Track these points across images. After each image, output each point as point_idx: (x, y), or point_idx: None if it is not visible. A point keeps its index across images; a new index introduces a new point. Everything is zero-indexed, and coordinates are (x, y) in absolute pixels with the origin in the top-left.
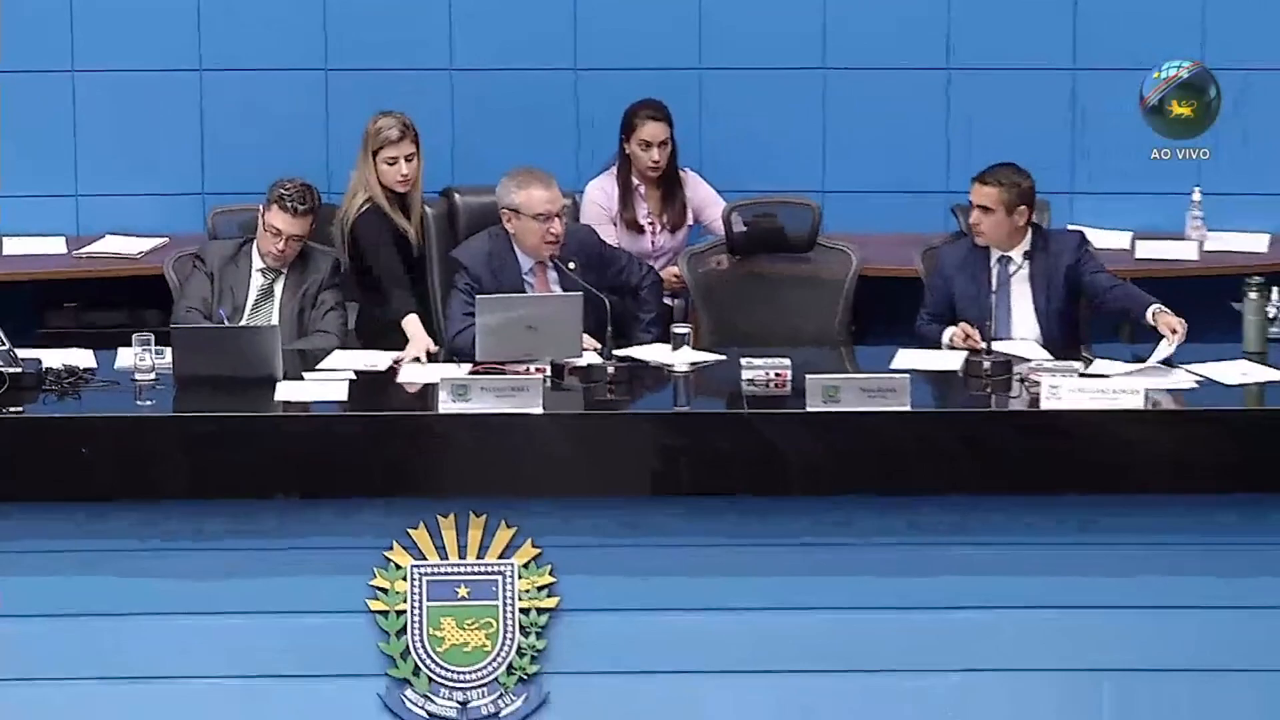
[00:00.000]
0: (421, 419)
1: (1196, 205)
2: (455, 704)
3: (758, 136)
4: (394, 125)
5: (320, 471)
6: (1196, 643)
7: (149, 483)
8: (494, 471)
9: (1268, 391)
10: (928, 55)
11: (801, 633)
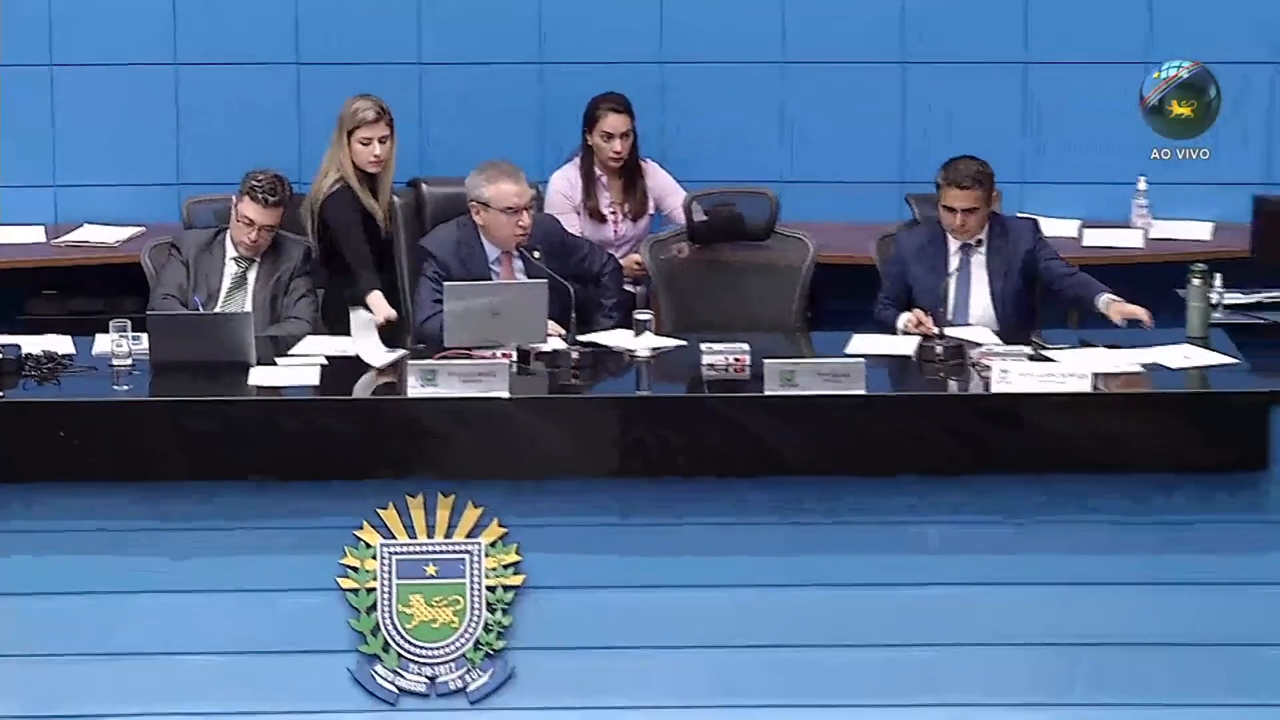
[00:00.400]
0: (391, 403)
1: (1142, 194)
2: (424, 679)
3: (717, 128)
4: (370, 107)
5: (292, 454)
6: (1151, 617)
7: (125, 465)
8: (461, 453)
9: (1210, 374)
10: (884, 49)
11: (763, 609)
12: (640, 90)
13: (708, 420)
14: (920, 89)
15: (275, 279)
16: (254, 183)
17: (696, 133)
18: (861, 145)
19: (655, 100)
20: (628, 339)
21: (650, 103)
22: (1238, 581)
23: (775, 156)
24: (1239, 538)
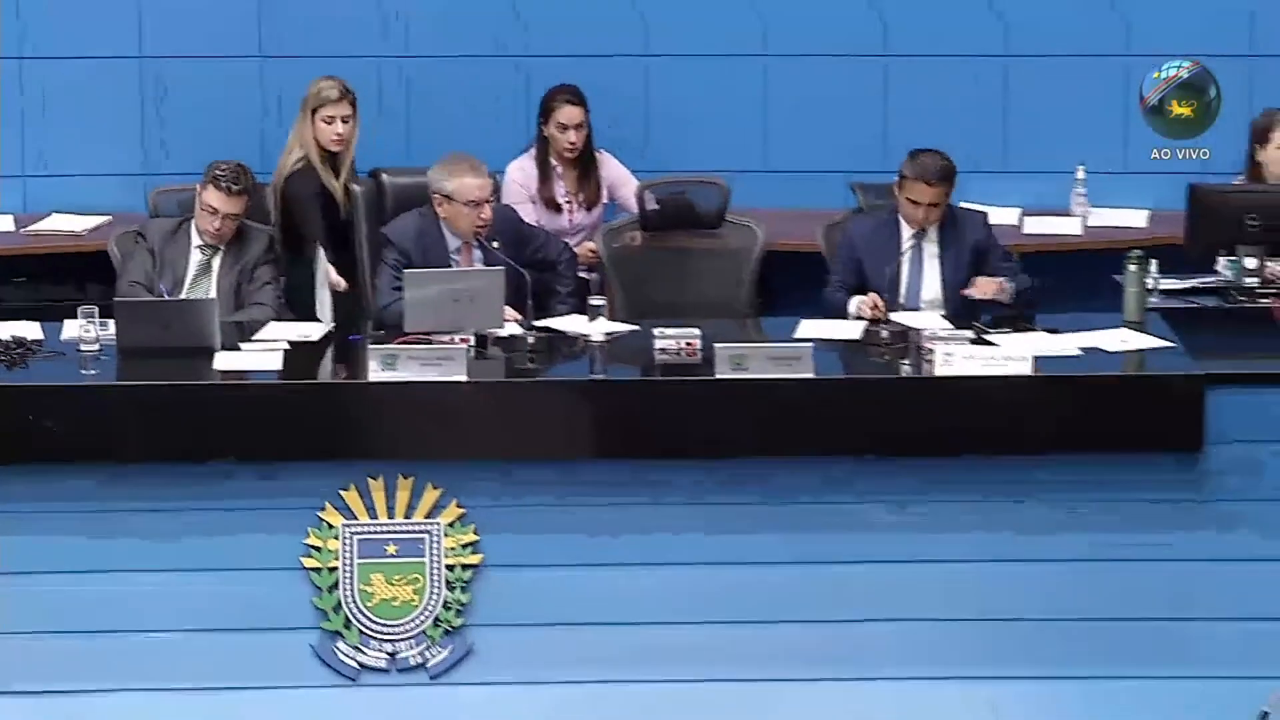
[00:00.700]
0: (352, 386)
1: (1080, 183)
2: (385, 655)
3: (669, 119)
4: (334, 86)
5: (256, 437)
6: (1090, 593)
7: (93, 448)
8: (421, 436)
9: (1147, 358)
10: (831, 44)
11: (715, 586)
12: (594, 82)
13: (660, 403)
14: (865, 82)
15: (239, 267)
16: (218, 172)
17: (648, 123)
18: (808, 136)
19: (608, 92)
20: (582, 324)
21: (604, 95)
22: (1173, 559)
23: (725, 146)
24: (1175, 516)
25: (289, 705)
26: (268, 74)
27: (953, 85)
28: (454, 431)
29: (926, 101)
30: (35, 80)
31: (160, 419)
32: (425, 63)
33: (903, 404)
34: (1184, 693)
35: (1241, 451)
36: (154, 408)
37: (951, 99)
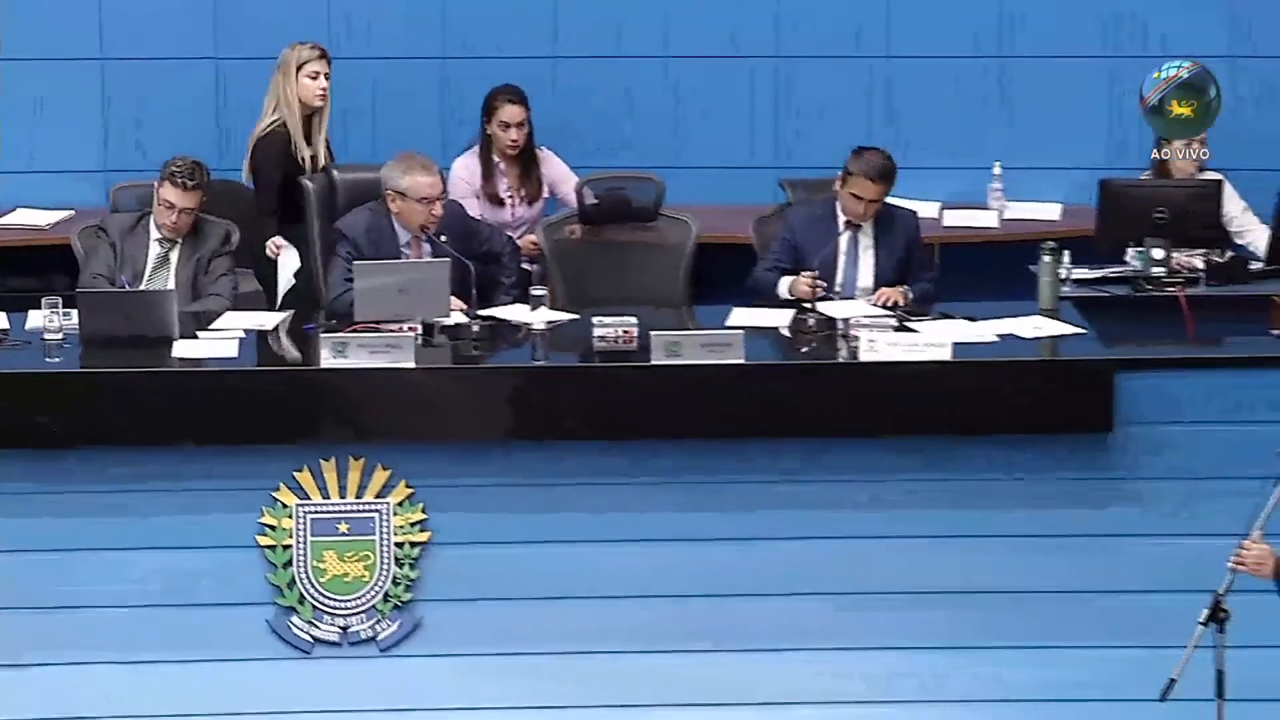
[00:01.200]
0: (305, 373)
1: (997, 178)
2: (337, 629)
3: (607, 118)
4: (313, 45)
5: (213, 421)
6: (1005, 568)
7: (58, 432)
8: (371, 420)
9: (1060, 344)
10: (760, 45)
11: (651, 563)
12: (536, 82)
13: (599, 388)
14: (793, 82)
15: (196, 259)
16: (174, 169)
17: (588, 122)
18: (739, 134)
19: (550, 92)
20: (524, 313)
21: (545, 94)
22: (1085, 534)
23: (661, 144)
24: (1086, 494)
25: (245, 677)
26: (222, 75)
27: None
28: (402, 415)
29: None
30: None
31: (121, 404)
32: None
33: (829, 388)
34: (1096, 661)
35: (1149, 432)
36: (115, 393)
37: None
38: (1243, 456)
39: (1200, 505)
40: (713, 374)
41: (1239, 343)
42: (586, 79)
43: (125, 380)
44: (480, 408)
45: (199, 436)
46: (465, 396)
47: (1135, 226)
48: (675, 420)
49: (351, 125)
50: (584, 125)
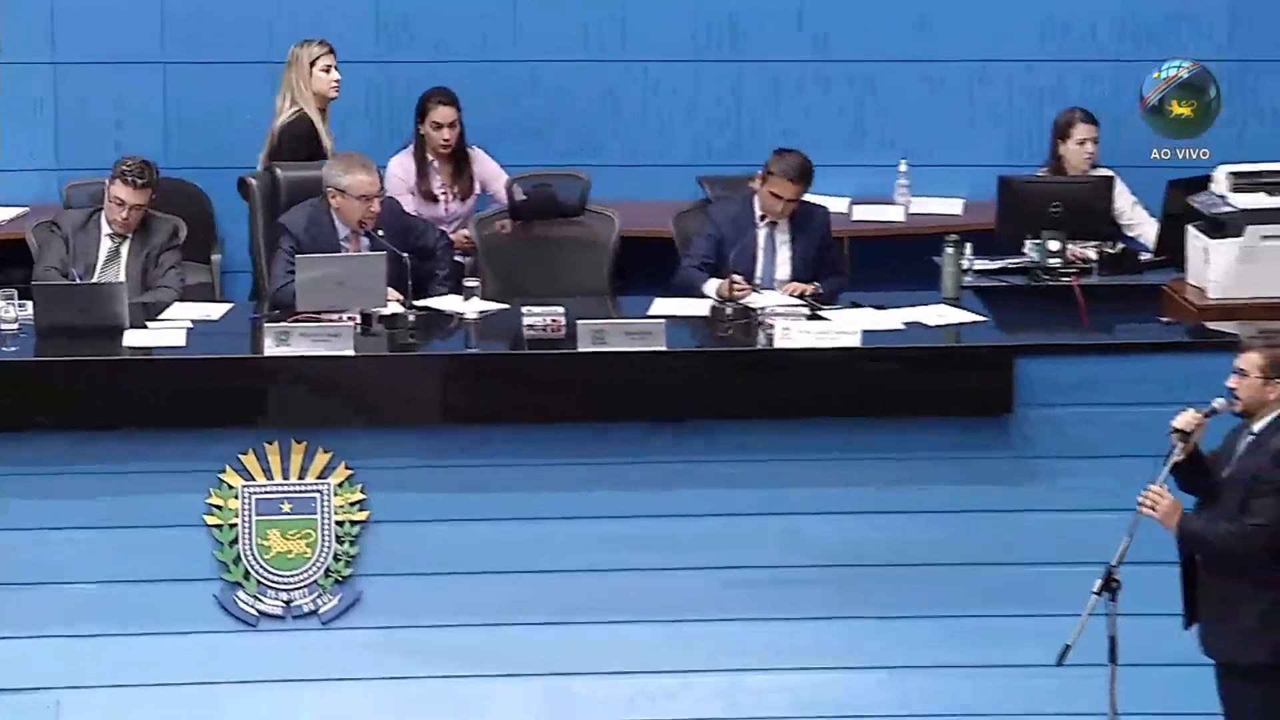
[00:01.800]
0: (249, 360)
1: (903, 175)
2: (281, 603)
3: (536, 118)
4: (322, 42)
5: (163, 406)
6: (913, 542)
7: (14, 417)
8: (312, 405)
9: (962, 331)
10: (679, 50)
11: (577, 537)
12: (468, 84)
13: (528, 374)
14: (710, 86)
15: (146, 253)
16: (124, 167)
17: (518, 122)
18: (660, 133)
19: (480, 93)
20: (458, 304)
21: (476, 95)
22: (985, 510)
23: (587, 143)
24: (987, 473)
25: (194, 649)
26: (169, 77)
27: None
28: (342, 400)
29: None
30: None
31: (75, 391)
32: None
33: (745, 373)
34: (995, 630)
35: (1047, 414)
36: (69, 381)
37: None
38: (1134, 436)
39: (1094, 483)
40: (636, 360)
41: (1130, 329)
42: (516, 81)
43: (78, 368)
44: (416, 393)
45: (149, 421)
46: (402, 382)
47: (1032, 220)
48: (600, 404)
49: None
50: (514, 125)
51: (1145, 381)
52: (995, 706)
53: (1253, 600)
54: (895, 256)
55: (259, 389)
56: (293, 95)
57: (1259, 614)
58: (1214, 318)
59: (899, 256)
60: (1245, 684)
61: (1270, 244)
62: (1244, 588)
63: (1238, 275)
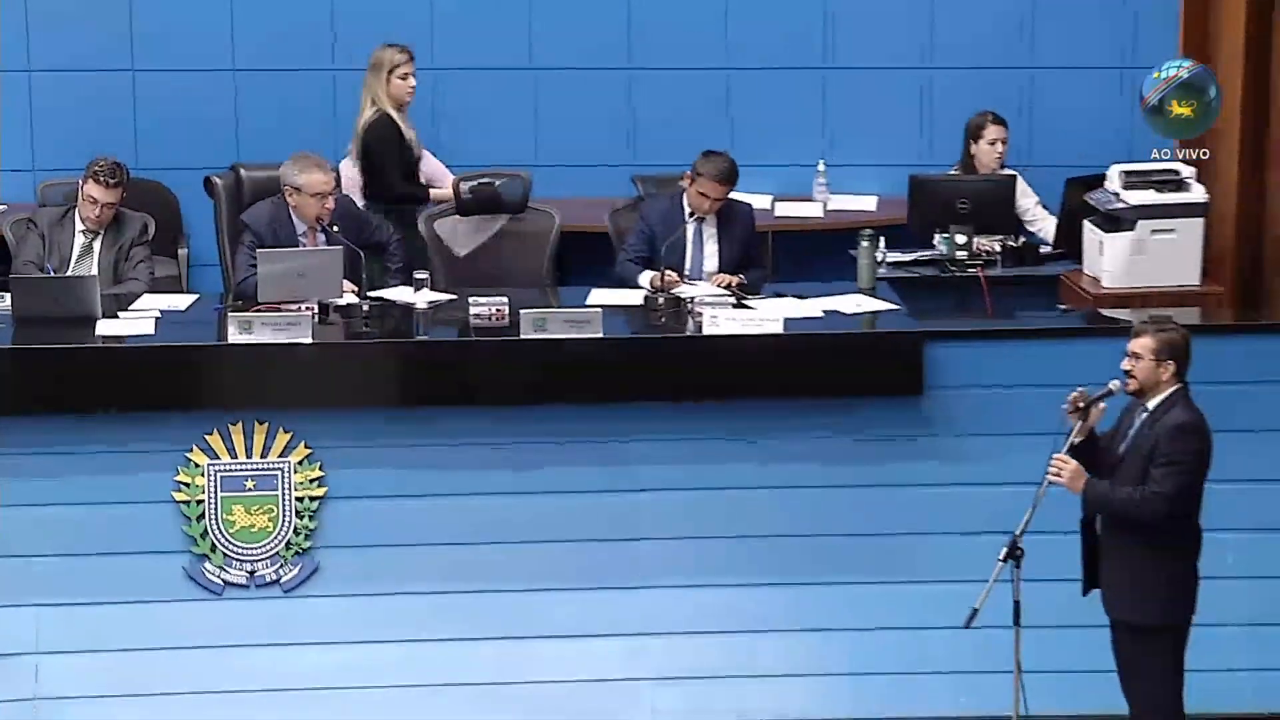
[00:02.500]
0: (215, 348)
1: (821, 174)
2: (245, 573)
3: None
4: (402, 50)
5: (133, 391)
6: (828, 514)
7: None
8: (273, 389)
9: (877, 318)
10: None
11: (517, 511)
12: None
13: (475, 359)
14: (644, 90)
15: (117, 248)
16: (96, 168)
17: (464, 124)
18: (597, 136)
19: (429, 99)
20: (409, 294)
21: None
22: (898, 485)
23: (528, 145)
24: (899, 450)
25: (165, 616)
26: (139, 84)
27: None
28: (301, 385)
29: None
30: None
31: (50, 376)
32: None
33: (676, 358)
34: (908, 595)
35: (955, 395)
36: (45, 367)
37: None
38: (1035, 415)
39: (999, 458)
40: (575, 346)
41: (1031, 316)
42: (461, 88)
43: (54, 355)
44: (370, 378)
45: (120, 405)
46: (357, 368)
47: (941, 216)
48: (541, 388)
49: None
50: (460, 128)
51: (1045, 364)
52: (909, 666)
53: (1148, 565)
54: (814, 250)
55: (224, 374)
56: (373, 96)
57: (1153, 577)
58: (1108, 305)
59: (818, 250)
60: (1141, 641)
61: (1159, 237)
62: (1141, 553)
63: (1129, 266)
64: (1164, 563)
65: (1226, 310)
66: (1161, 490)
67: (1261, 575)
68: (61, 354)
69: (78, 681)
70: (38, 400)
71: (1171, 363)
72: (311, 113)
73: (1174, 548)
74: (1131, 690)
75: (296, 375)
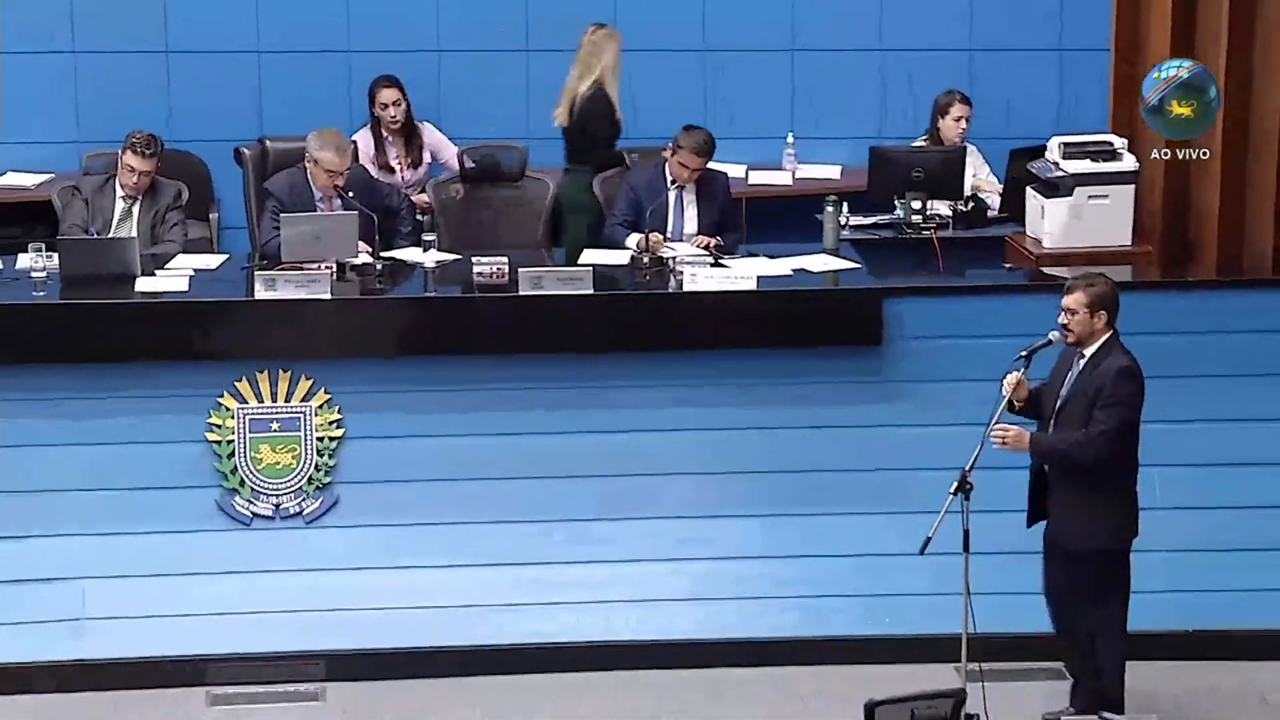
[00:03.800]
0: (243, 303)
1: (790, 146)
2: (271, 506)
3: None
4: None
5: (170, 342)
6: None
7: (45, 352)
8: (296, 340)
9: (841, 276)
10: None
11: (518, 450)
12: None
13: (477, 313)
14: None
15: (154, 212)
16: (134, 140)
17: (466, 100)
18: None
19: (435, 77)
20: (418, 255)
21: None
22: (860, 425)
23: (524, 119)
24: (861, 394)
25: (198, 545)
26: (173, 65)
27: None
28: (321, 336)
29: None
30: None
31: (95, 329)
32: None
33: (659, 312)
34: (870, 524)
35: (911, 345)
36: (90, 321)
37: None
38: (983, 363)
39: (950, 401)
40: (567, 302)
41: (980, 274)
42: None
43: (97, 310)
44: (383, 330)
45: (157, 355)
46: (371, 321)
47: (898, 183)
48: (537, 339)
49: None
50: (461, 103)
51: (992, 317)
52: (870, 589)
53: (1097, 498)
54: (784, 214)
55: (251, 327)
56: (594, 70)
57: (1103, 509)
58: (1048, 264)
59: (787, 214)
60: (1086, 566)
61: (1095, 203)
62: (1089, 488)
63: (1067, 229)
64: (1110, 493)
65: (1154, 268)
66: (1108, 428)
67: (1185, 506)
68: (105, 308)
69: (120, 603)
70: (84, 350)
71: (1104, 312)
72: (329, 90)
73: (1117, 479)
74: (1085, 614)
75: (316, 327)
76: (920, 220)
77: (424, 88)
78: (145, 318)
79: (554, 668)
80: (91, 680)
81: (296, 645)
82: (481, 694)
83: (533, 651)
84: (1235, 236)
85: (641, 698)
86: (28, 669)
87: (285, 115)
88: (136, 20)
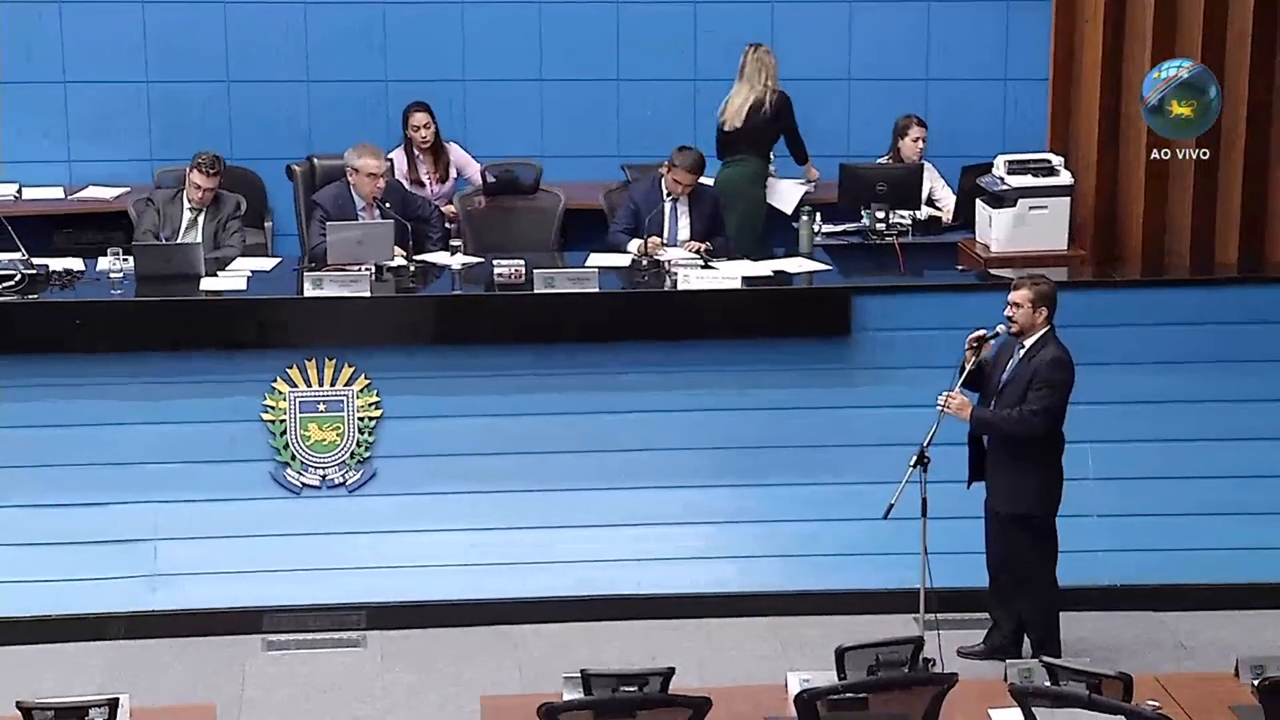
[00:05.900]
0: (295, 300)
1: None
2: (318, 477)
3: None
4: None
5: (231, 333)
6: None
7: (118, 341)
8: (340, 332)
9: (815, 277)
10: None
11: (534, 428)
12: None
13: (498, 308)
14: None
15: (217, 221)
16: (200, 160)
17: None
18: (591, 130)
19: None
20: (446, 258)
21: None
22: (832, 406)
23: (538, 139)
24: (832, 379)
25: (255, 510)
26: (233, 93)
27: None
28: (362, 329)
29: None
30: (75, 96)
31: (165, 322)
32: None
33: (657, 307)
34: (840, 493)
35: (875, 336)
36: (161, 316)
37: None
38: (938, 352)
39: (910, 386)
40: (576, 299)
41: (936, 275)
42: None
43: (167, 306)
44: (416, 323)
45: (219, 345)
46: (405, 315)
47: (865, 196)
48: (550, 330)
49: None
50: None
51: (947, 312)
52: (840, 549)
53: (1024, 468)
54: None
55: (300, 320)
56: (765, 82)
57: (1029, 479)
58: (995, 266)
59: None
60: (1019, 529)
61: (1036, 213)
62: (1018, 459)
63: (1012, 235)
64: (1036, 466)
65: (1087, 269)
66: (1038, 409)
67: (1114, 476)
68: (173, 305)
69: (186, 562)
70: (155, 341)
71: (1044, 309)
72: (368, 114)
73: (1043, 455)
74: (1014, 569)
75: (358, 321)
76: (884, 228)
77: (451, 112)
78: (208, 313)
79: (561, 618)
80: (163, 628)
81: (340, 598)
82: (503, 641)
83: (542, 604)
84: (1157, 242)
85: (646, 645)
86: (104, 618)
87: (330, 136)
88: (201, 54)
